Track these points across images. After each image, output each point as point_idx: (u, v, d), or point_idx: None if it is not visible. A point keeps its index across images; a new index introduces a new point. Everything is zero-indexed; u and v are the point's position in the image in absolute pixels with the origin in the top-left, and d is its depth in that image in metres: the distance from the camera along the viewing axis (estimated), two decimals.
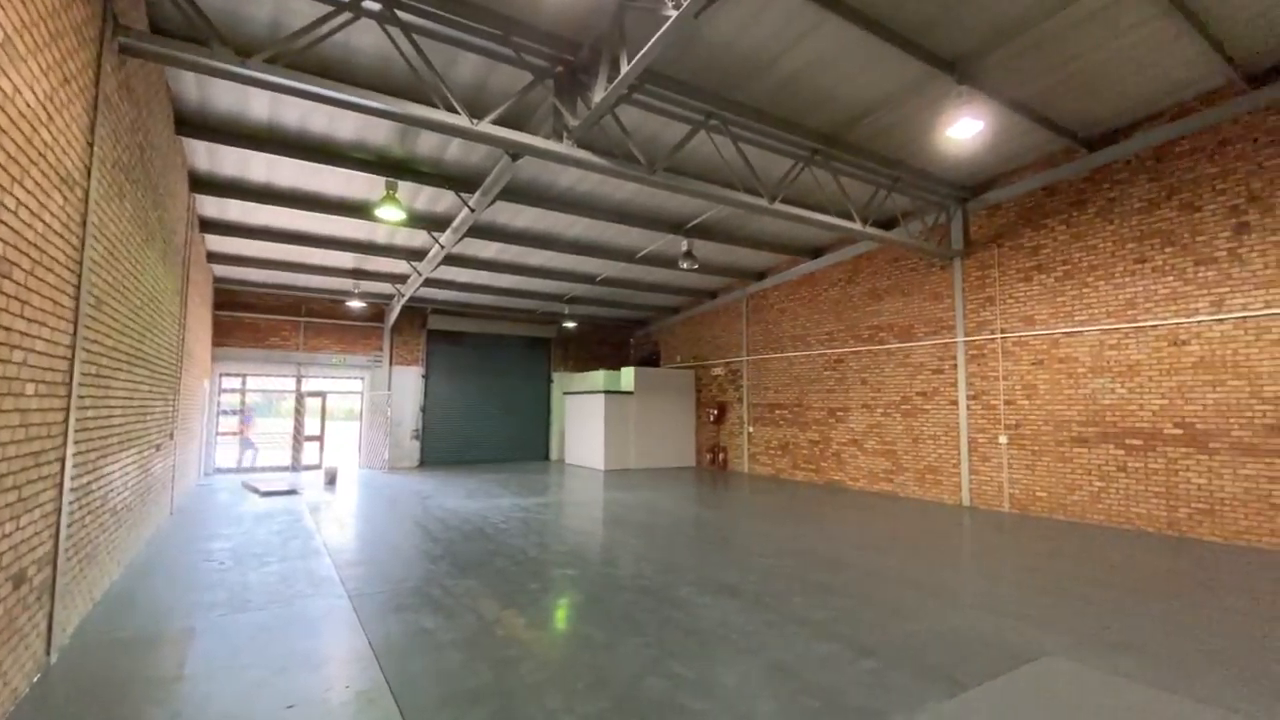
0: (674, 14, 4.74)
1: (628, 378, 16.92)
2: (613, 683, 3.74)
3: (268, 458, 16.59)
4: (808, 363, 13.95)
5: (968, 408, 10.54)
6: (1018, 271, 9.94)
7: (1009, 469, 9.88)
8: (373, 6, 5.52)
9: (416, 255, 12.60)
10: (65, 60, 3.74)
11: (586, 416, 17.15)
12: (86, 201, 4.20)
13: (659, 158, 7.53)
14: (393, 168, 8.76)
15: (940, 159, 9.41)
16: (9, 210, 3.07)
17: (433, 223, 10.81)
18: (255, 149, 7.88)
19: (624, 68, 5.52)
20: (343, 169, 8.49)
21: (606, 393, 16.38)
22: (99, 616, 4.86)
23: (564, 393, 19.06)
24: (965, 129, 7.02)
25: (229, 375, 15.41)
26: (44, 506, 3.78)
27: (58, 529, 4.01)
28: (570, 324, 18.90)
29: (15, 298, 3.19)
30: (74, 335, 4.11)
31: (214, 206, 10.05)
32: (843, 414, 12.97)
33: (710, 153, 8.48)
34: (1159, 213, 8.35)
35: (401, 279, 14.50)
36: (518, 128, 7.13)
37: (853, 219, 9.49)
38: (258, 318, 15.47)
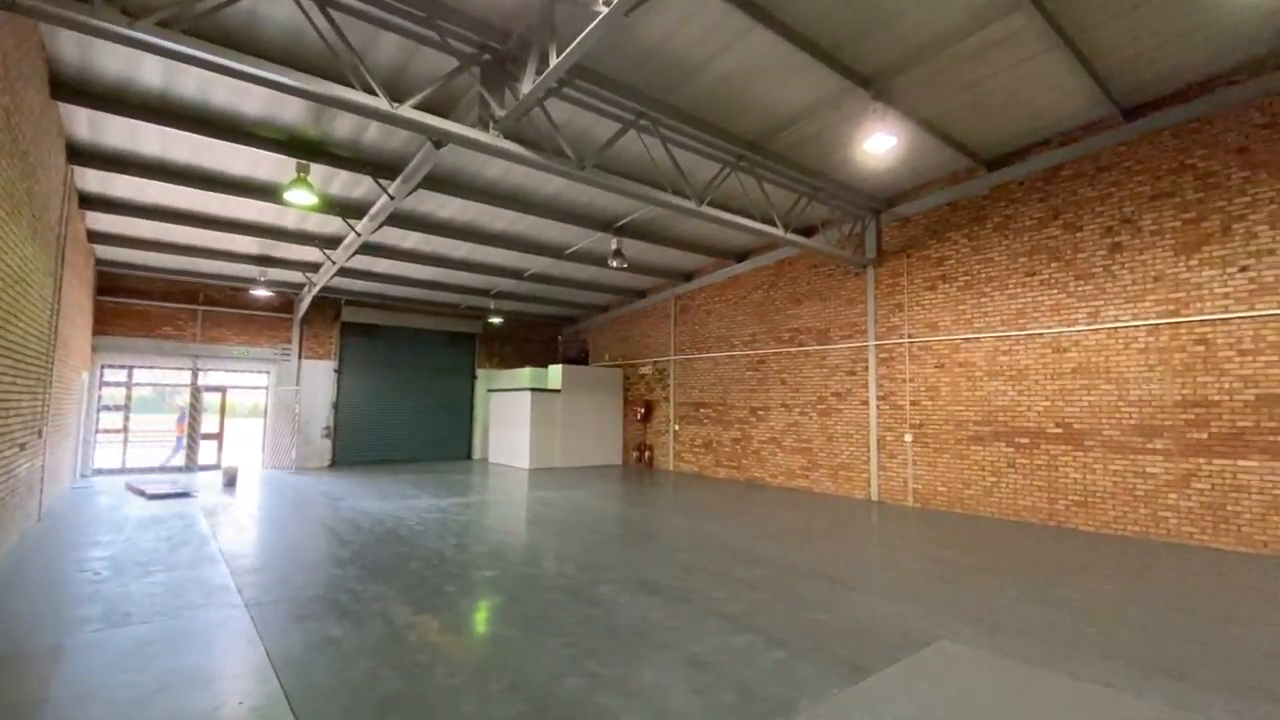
0: (605, 10, 4.72)
1: (555, 375, 16.75)
2: (530, 684, 3.68)
3: (157, 458, 15.24)
4: (731, 363, 14.30)
5: (877, 408, 11.13)
6: (924, 280, 10.60)
7: (913, 466, 10.52)
8: None
9: (330, 243, 11.93)
10: None
11: (512, 414, 16.83)
12: None
13: (589, 154, 7.48)
14: (305, 149, 8.24)
15: (857, 171, 9.87)
16: None
17: (349, 209, 10.27)
18: (146, 120, 7.21)
19: (553, 60, 5.44)
20: (249, 147, 7.91)
21: (533, 390, 16.15)
22: None
23: (488, 390, 18.63)
24: (879, 144, 7.39)
25: (113, 367, 14.02)
26: None
27: None
28: (496, 319, 18.48)
29: None
30: None
31: (97, 181, 9.11)
32: (763, 413, 13.39)
33: (640, 152, 8.51)
34: (1047, 231, 9.12)
35: (314, 268, 13.68)
36: (442, 115, 6.87)
37: (775, 225, 9.80)
38: (148, 305, 14.17)
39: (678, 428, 15.77)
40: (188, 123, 7.44)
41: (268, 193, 9.48)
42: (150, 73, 6.62)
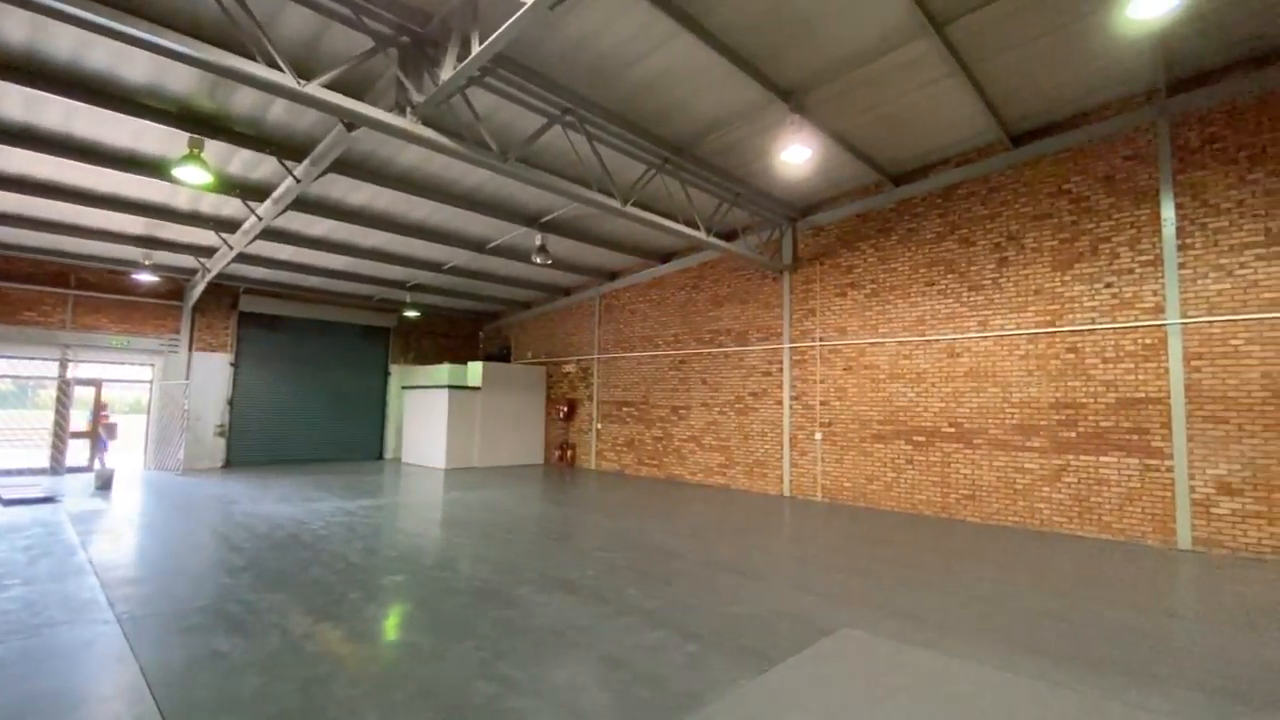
0: (529, 0, 4.64)
1: (475, 372, 16.30)
2: (438, 691, 3.57)
3: (16, 459, 13.57)
4: (654, 362, 14.45)
5: (790, 407, 11.59)
6: (835, 287, 11.14)
7: (822, 462, 11.04)
8: None
9: (227, 226, 11.05)
10: None
11: (428, 412, 16.24)
12: None
13: (512, 147, 7.33)
14: (200, 123, 7.60)
15: (776, 179, 10.24)
16: None
17: (249, 190, 9.55)
18: (6, 80, 6.41)
19: (475, 48, 5.30)
20: (133, 117, 7.20)
21: (451, 388, 15.64)
22: None
23: (403, 387, 17.87)
24: (796, 154, 7.69)
25: None
26: None
27: None
28: (413, 313, 17.76)
29: None
30: None
31: None
32: (684, 412, 13.62)
33: (566, 149, 8.44)
34: (944, 244, 9.82)
35: (208, 252, 12.63)
36: (357, 96, 6.52)
37: (698, 228, 9.99)
38: (7, 287, 12.61)
39: (600, 426, 15.76)
40: (57, 85, 6.67)
41: (155, 168, 8.65)
42: (13, 27, 5.87)
